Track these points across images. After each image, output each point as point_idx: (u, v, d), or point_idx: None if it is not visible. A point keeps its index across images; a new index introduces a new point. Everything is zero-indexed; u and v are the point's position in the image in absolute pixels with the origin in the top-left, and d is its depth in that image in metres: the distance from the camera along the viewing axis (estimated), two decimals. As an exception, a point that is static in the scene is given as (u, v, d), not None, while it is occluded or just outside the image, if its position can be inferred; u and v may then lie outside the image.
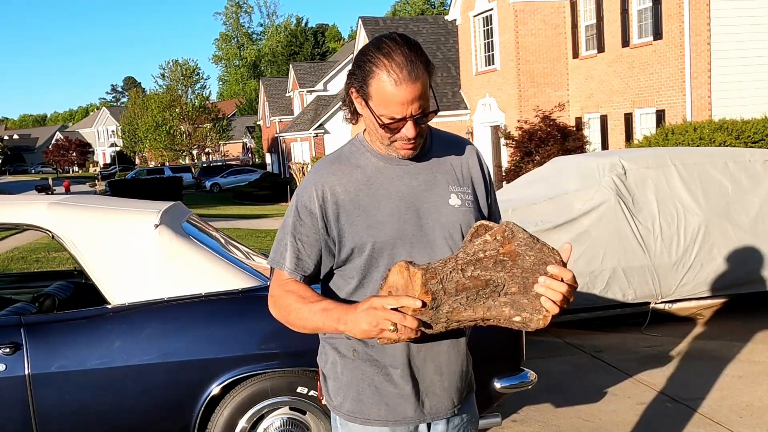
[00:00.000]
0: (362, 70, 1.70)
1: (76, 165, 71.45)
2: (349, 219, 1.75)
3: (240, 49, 78.90)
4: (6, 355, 2.96)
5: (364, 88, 1.70)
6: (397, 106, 1.67)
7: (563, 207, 6.19)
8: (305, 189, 1.80)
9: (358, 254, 1.76)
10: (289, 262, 1.79)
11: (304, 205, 1.78)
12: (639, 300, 6.01)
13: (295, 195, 1.82)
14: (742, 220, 6.23)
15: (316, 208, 1.76)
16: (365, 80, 1.69)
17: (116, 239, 3.22)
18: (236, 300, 3.19)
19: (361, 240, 1.75)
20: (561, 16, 18.66)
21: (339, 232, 1.76)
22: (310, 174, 1.82)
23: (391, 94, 1.66)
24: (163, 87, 53.19)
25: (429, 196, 1.80)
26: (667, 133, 12.30)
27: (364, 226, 1.75)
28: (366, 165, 1.80)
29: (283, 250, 1.81)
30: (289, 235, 1.80)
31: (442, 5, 61.09)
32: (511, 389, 3.39)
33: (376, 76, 1.67)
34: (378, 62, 1.67)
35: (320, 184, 1.77)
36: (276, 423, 3.22)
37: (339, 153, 1.84)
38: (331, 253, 1.80)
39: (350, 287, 1.81)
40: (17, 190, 41.50)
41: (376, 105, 1.69)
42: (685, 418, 4.20)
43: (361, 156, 1.81)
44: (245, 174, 42.78)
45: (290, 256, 1.79)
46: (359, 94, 1.73)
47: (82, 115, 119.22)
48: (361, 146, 1.83)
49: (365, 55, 1.70)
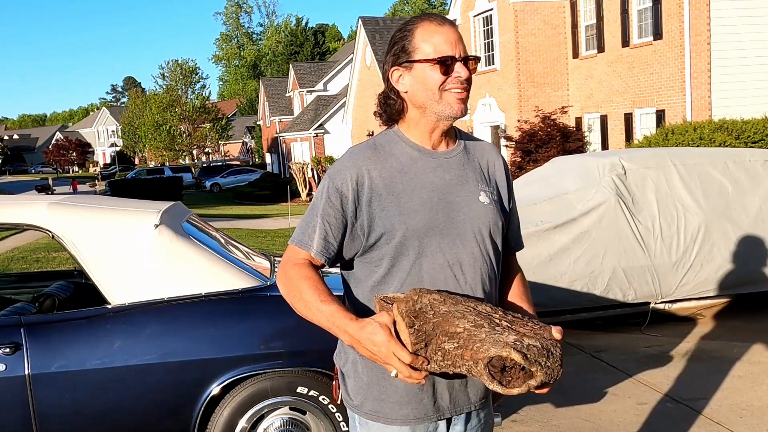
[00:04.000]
0: (402, 40, 1.78)
1: (76, 165, 71.46)
2: (382, 204, 1.76)
3: (240, 49, 78.91)
4: (6, 355, 2.96)
5: (407, 51, 1.77)
6: (446, 45, 1.74)
7: (563, 207, 6.19)
8: (339, 172, 1.79)
9: (387, 240, 1.76)
10: (316, 244, 1.78)
11: (336, 188, 1.77)
12: (639, 300, 6.01)
13: (327, 178, 1.80)
14: (742, 220, 6.23)
15: (350, 192, 1.76)
16: (407, 44, 1.77)
17: (116, 239, 3.22)
18: (236, 300, 3.19)
19: (392, 226, 1.75)
20: (561, 16, 18.66)
21: (370, 216, 1.77)
22: (344, 158, 1.82)
23: (439, 34, 1.75)
24: (163, 87, 53.23)
25: (461, 190, 1.82)
26: (667, 133, 12.29)
27: (396, 212, 1.75)
28: (400, 154, 1.82)
29: (311, 231, 1.79)
30: (318, 217, 1.79)
31: (442, 5, 61.07)
32: (511, 389, 3.38)
33: (418, 29, 1.77)
34: (415, 22, 1.78)
35: (355, 168, 1.77)
36: (276, 423, 3.22)
37: (373, 141, 1.85)
38: (357, 238, 1.79)
39: (377, 276, 1.79)
40: (17, 190, 41.49)
41: (425, 53, 1.75)
42: (685, 418, 4.20)
43: (396, 145, 1.83)
44: (245, 174, 42.78)
45: (318, 238, 1.78)
46: (403, 66, 1.78)
47: (82, 115, 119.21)
48: (395, 136, 1.84)
49: (399, 31, 1.80)
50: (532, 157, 16.93)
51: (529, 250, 5.83)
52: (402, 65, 1.78)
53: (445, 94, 1.75)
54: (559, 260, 5.82)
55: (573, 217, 5.96)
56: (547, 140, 17.04)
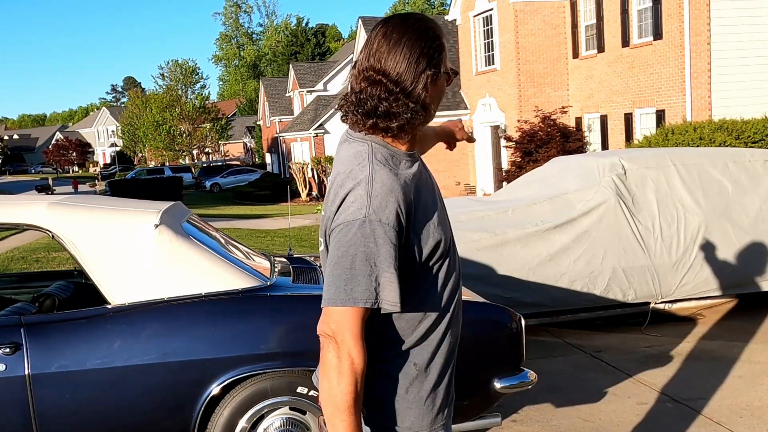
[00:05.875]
0: (441, 46, 1.70)
1: (76, 165, 71.45)
2: (421, 222, 1.69)
3: (240, 49, 78.92)
4: (6, 355, 2.96)
5: (440, 61, 1.70)
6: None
7: (563, 207, 6.19)
8: (383, 208, 1.59)
9: (435, 252, 1.72)
10: (393, 297, 1.59)
11: (390, 225, 1.59)
12: (639, 300, 6.01)
13: (368, 221, 1.59)
14: (742, 220, 6.23)
15: (404, 222, 1.62)
16: (441, 53, 1.70)
17: (116, 239, 3.22)
18: (236, 300, 3.19)
19: (437, 237, 1.71)
20: (561, 16, 18.66)
21: (416, 236, 1.67)
22: (375, 187, 1.61)
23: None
24: (163, 87, 53.24)
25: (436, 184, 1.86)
26: (667, 133, 12.29)
27: (432, 227, 1.71)
28: (406, 168, 1.72)
29: (375, 284, 1.59)
30: (384, 266, 1.58)
31: (441, 5, 61.07)
32: (511, 389, 3.39)
33: (443, 40, 1.72)
34: (433, 27, 1.71)
35: (394, 196, 1.62)
36: (276, 423, 3.22)
37: (380, 160, 1.67)
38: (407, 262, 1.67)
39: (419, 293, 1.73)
40: (17, 190, 41.48)
41: (445, 65, 1.72)
42: (685, 418, 4.20)
43: (395, 158, 1.71)
44: (245, 174, 42.77)
45: (393, 289, 1.59)
46: (439, 73, 1.70)
47: (82, 115, 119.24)
48: (390, 150, 1.71)
49: (429, 38, 1.68)
50: (532, 157, 16.94)
51: (529, 250, 5.83)
52: (436, 77, 1.68)
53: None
54: (559, 260, 5.82)
55: (573, 217, 5.96)
56: (547, 140, 17.04)
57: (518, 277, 5.74)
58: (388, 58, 1.66)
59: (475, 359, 3.40)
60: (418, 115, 1.67)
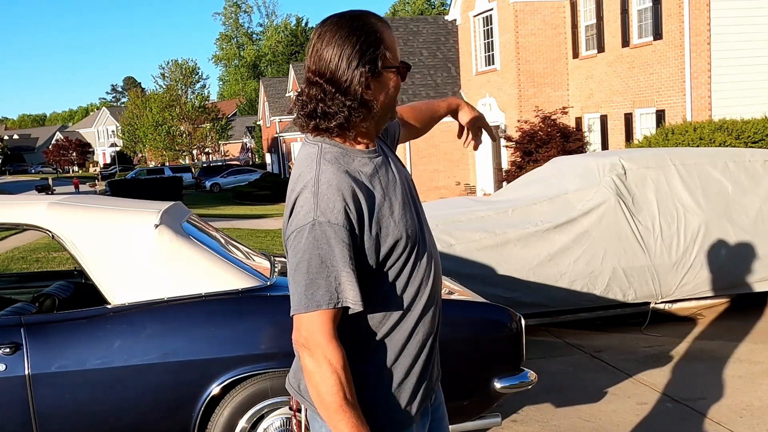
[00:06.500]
0: (377, 41, 1.66)
1: (76, 165, 71.44)
2: (378, 220, 1.67)
3: (240, 49, 78.91)
4: (6, 355, 2.96)
5: (379, 57, 1.66)
6: (397, 50, 1.72)
7: (563, 207, 6.19)
8: (330, 209, 1.59)
9: (395, 249, 1.69)
10: (353, 295, 1.60)
11: (339, 225, 1.59)
12: (639, 300, 6.01)
13: (317, 224, 1.59)
14: (742, 220, 6.23)
15: (354, 220, 1.61)
16: (383, 44, 1.67)
17: (116, 239, 3.22)
18: (236, 300, 3.19)
19: (396, 235, 1.69)
20: (561, 16, 18.66)
21: (375, 234, 1.66)
22: (321, 188, 1.62)
23: (392, 38, 1.70)
24: (163, 87, 53.23)
25: (405, 177, 1.84)
26: (667, 133, 12.29)
27: (392, 223, 1.68)
28: (361, 166, 1.71)
29: (335, 284, 1.59)
30: (339, 266, 1.59)
31: (442, 5, 61.07)
32: (511, 389, 3.39)
33: (383, 30, 1.68)
34: (375, 25, 1.68)
35: (344, 194, 1.61)
36: (276, 423, 3.22)
37: (329, 159, 1.67)
38: (366, 262, 1.66)
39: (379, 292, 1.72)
40: (17, 190, 41.49)
41: (390, 59, 1.68)
42: (685, 418, 4.20)
43: (347, 157, 1.70)
44: (245, 174, 42.79)
45: (352, 288, 1.60)
46: (378, 70, 1.66)
47: (82, 115, 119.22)
48: (342, 150, 1.70)
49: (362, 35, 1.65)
50: (532, 157, 16.93)
51: (529, 250, 5.83)
52: (374, 73, 1.65)
53: (392, 102, 1.75)
54: (559, 260, 5.82)
55: (573, 217, 5.96)
56: (547, 140, 17.03)
57: (518, 277, 5.74)
58: (322, 57, 1.65)
59: (475, 359, 3.40)
60: (356, 113, 1.65)
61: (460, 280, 4.53)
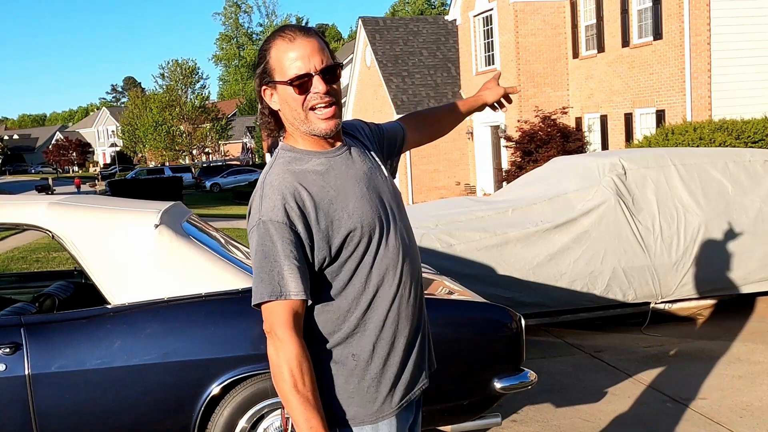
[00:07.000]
0: (262, 59, 1.79)
1: (76, 165, 71.45)
2: (328, 214, 1.74)
3: (240, 50, 78.94)
4: (6, 355, 2.96)
5: (268, 71, 1.77)
6: (299, 61, 1.73)
7: (563, 207, 6.19)
8: (273, 209, 1.71)
9: (350, 241, 1.75)
10: (295, 286, 1.69)
11: (279, 222, 1.70)
12: (639, 300, 6.01)
13: (261, 224, 1.71)
14: (742, 220, 6.24)
15: (296, 217, 1.71)
16: (267, 62, 1.77)
17: (116, 239, 3.22)
18: (236, 300, 3.19)
19: (350, 226, 1.75)
20: (561, 16, 18.66)
21: (326, 228, 1.73)
22: (267, 195, 1.73)
23: (292, 50, 1.73)
24: (163, 87, 53.22)
25: (375, 175, 1.88)
26: (667, 133, 12.28)
27: (345, 216, 1.75)
28: (315, 165, 1.80)
29: (278, 278, 1.68)
30: (280, 260, 1.69)
31: (442, 5, 61.07)
32: (511, 389, 3.39)
33: (273, 47, 1.76)
34: (271, 39, 1.78)
35: (284, 193, 1.72)
36: (276, 423, 3.22)
37: (280, 163, 1.80)
38: (321, 251, 1.74)
39: (343, 278, 1.78)
40: (17, 190, 41.48)
41: (283, 73, 1.75)
42: (685, 418, 4.20)
43: (300, 160, 1.80)
44: (245, 174, 42.77)
45: (294, 279, 1.69)
46: (269, 84, 1.78)
47: (82, 115, 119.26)
48: (293, 154, 1.82)
49: (260, 50, 1.81)
50: (532, 157, 16.93)
51: (529, 250, 5.83)
52: (268, 85, 1.79)
53: (310, 114, 1.76)
54: (559, 260, 5.83)
55: (573, 217, 5.97)
56: (547, 140, 17.03)
57: (518, 277, 5.74)
58: None
59: (475, 359, 3.40)
60: (269, 120, 1.85)
61: (460, 280, 4.53)
